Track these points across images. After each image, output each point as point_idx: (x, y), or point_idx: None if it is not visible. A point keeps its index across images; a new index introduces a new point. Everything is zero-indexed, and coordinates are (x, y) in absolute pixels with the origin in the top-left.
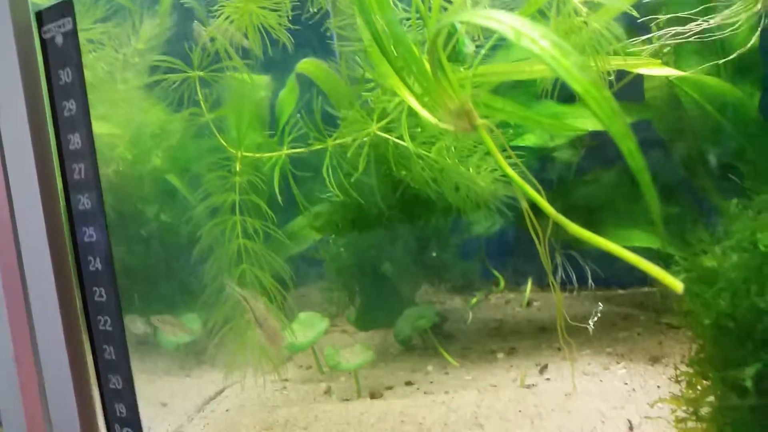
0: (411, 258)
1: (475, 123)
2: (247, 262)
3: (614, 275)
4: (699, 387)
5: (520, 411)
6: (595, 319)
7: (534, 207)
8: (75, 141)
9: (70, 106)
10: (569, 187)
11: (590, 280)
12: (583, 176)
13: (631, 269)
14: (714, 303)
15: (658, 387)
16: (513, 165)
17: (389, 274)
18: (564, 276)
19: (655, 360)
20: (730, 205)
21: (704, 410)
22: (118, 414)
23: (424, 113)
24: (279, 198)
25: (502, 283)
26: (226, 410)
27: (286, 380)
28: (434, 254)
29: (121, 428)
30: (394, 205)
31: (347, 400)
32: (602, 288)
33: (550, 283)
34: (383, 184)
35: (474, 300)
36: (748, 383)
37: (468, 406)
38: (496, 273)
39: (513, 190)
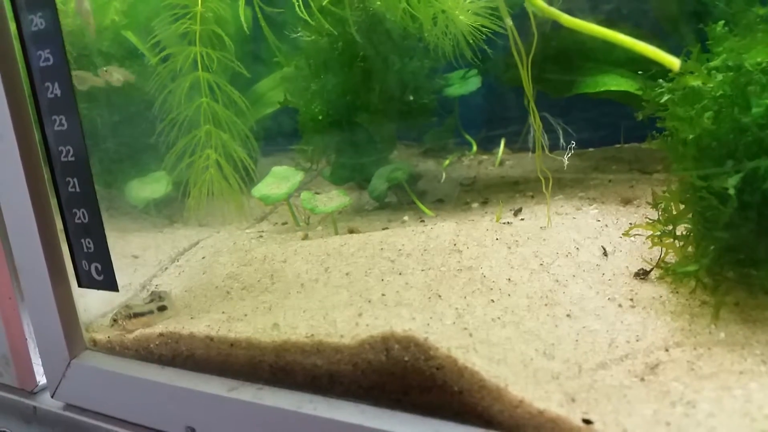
0: (387, 105)
1: None
2: (213, 123)
3: (586, 135)
4: (674, 210)
5: (497, 239)
6: (570, 154)
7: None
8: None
9: None
10: (549, 38)
11: (562, 140)
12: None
13: (601, 128)
14: (697, 121)
15: (630, 224)
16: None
17: (365, 124)
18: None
19: (626, 202)
20: (716, 28)
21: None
22: (85, 249)
23: None
24: (246, 29)
25: (475, 147)
26: (202, 258)
27: (263, 231)
28: (411, 98)
29: (89, 264)
30: (369, 43)
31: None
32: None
33: (531, 111)
34: (357, 18)
35: (447, 161)
36: (732, 191)
37: (446, 235)
38: (468, 137)
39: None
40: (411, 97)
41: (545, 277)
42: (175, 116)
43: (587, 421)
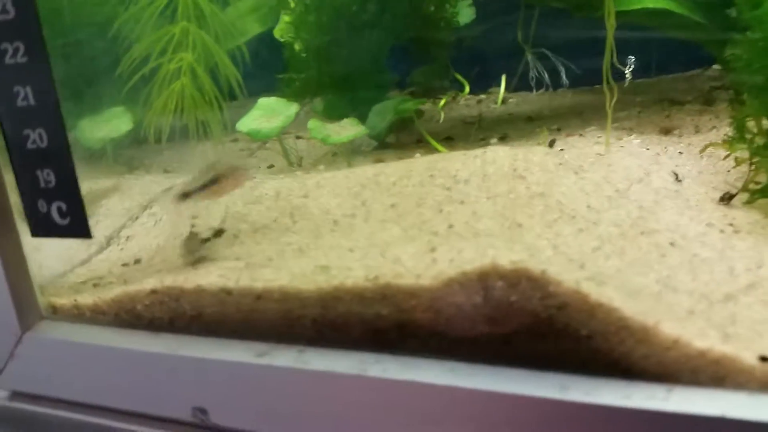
0: (402, 18)
1: None
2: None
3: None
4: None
5: (560, 164)
6: (632, 68)
7: None
8: None
9: None
10: None
11: (564, 78)
12: None
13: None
14: None
15: (680, 153)
16: None
17: (375, 44)
18: (537, 74)
19: (666, 131)
20: None
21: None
22: (42, 184)
23: None
24: None
25: (467, 88)
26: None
27: (252, 174)
28: (432, 8)
29: (48, 204)
30: None
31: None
32: (579, 85)
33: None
34: None
35: (443, 101)
36: None
37: (504, 160)
38: (459, 77)
39: None
40: (432, 8)
41: (627, 204)
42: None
43: (765, 358)
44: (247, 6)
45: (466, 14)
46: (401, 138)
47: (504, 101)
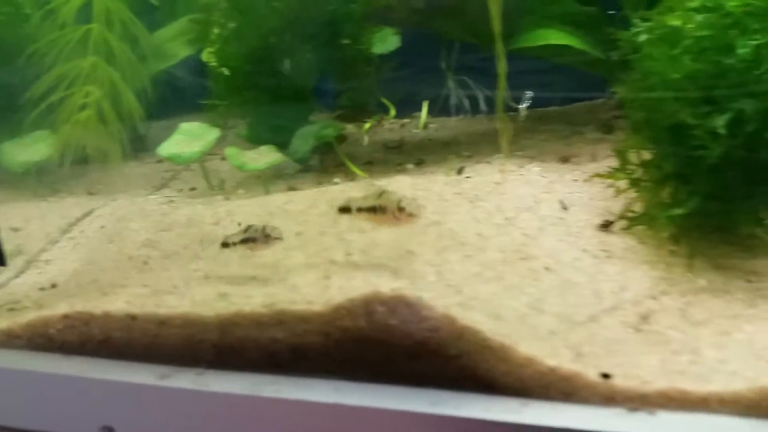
0: (318, 51)
1: None
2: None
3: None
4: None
5: (457, 193)
6: (527, 104)
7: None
8: None
9: None
10: None
11: (482, 104)
12: None
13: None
14: (679, 62)
15: (575, 181)
16: None
17: (292, 73)
18: (457, 100)
19: (565, 159)
20: None
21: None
22: None
23: None
24: None
25: (393, 111)
26: (101, 227)
27: (172, 197)
28: (347, 41)
29: None
30: None
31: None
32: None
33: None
34: None
35: (368, 124)
36: (722, 130)
37: (404, 190)
38: (386, 101)
39: None
40: (347, 41)
41: (513, 231)
42: (54, 41)
43: (606, 375)
44: (176, 29)
45: (391, 42)
46: (325, 161)
47: (425, 126)
